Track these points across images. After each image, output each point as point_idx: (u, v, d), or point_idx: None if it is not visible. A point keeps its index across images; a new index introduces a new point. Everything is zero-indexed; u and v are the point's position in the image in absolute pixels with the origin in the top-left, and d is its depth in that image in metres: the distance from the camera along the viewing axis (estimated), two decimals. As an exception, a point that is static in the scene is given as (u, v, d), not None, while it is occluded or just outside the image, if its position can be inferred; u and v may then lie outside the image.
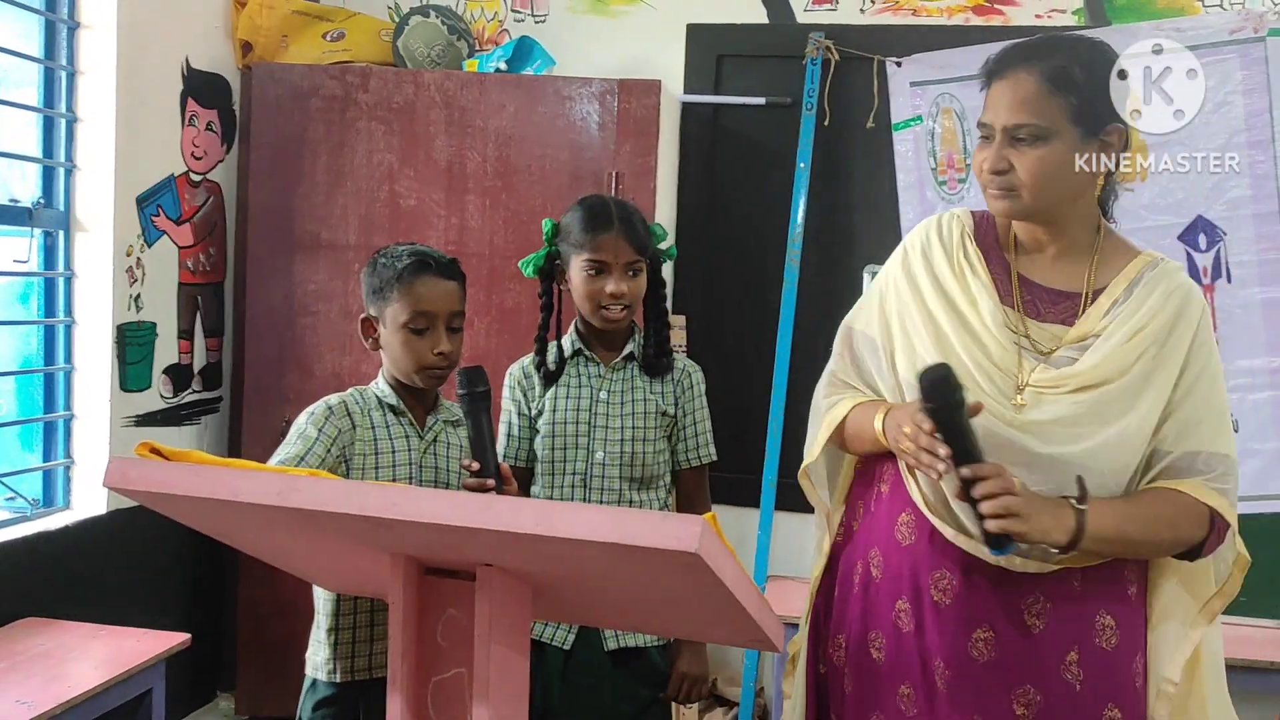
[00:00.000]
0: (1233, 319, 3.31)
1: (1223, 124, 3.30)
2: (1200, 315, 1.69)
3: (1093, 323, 1.69)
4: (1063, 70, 1.63)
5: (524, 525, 1.25)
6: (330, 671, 1.94)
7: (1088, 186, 1.67)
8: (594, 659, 2.03)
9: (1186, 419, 1.66)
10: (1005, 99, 1.65)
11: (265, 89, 3.48)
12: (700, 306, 3.75)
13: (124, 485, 1.44)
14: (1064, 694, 1.66)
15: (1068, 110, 1.62)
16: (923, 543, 1.72)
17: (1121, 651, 1.71)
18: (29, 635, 2.77)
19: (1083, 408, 1.64)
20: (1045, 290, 1.73)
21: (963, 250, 1.76)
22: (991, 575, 1.67)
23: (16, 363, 3.10)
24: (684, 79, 3.80)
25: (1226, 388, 1.76)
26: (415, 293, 1.94)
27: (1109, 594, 1.71)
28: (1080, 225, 1.72)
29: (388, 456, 1.96)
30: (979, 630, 1.68)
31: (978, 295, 1.72)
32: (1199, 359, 1.67)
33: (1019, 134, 1.64)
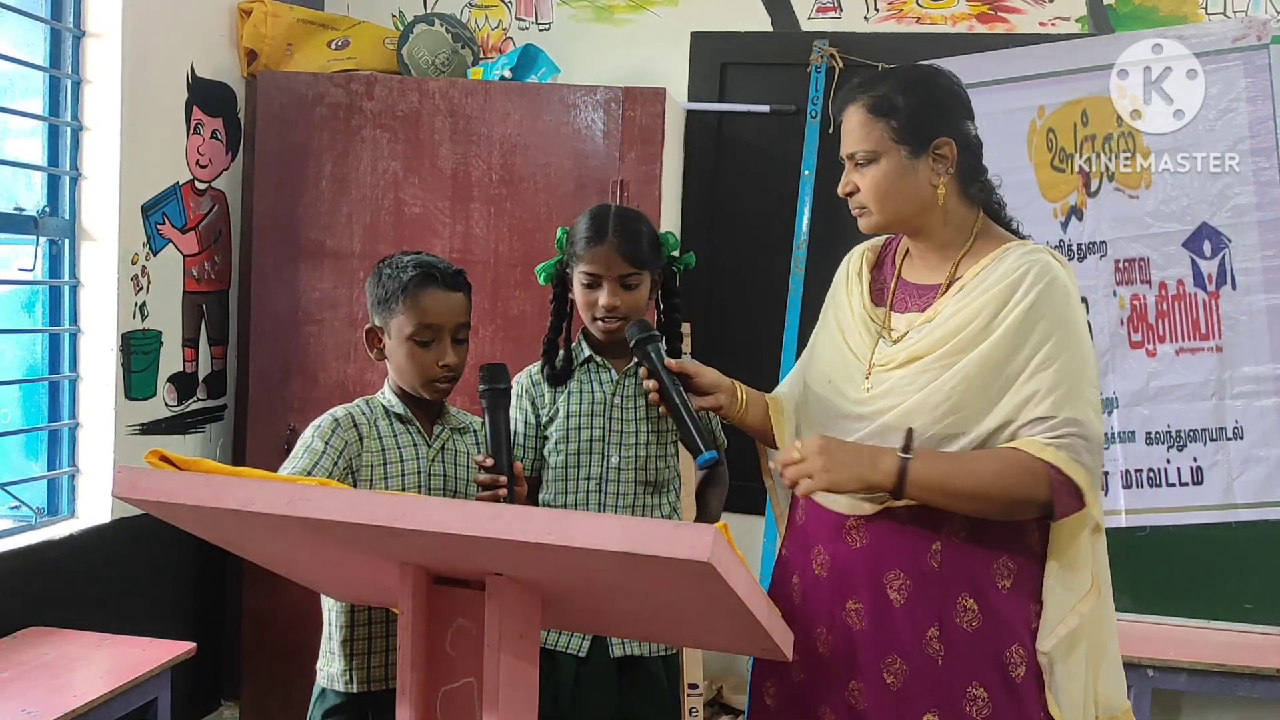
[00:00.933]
0: (1237, 326, 3.31)
1: (1227, 131, 3.30)
2: (1044, 288, 1.75)
3: (939, 306, 1.83)
4: (883, 98, 1.82)
5: (534, 534, 1.24)
6: (346, 682, 1.93)
7: (931, 194, 1.82)
8: (606, 667, 2.04)
9: (1032, 390, 1.73)
10: (845, 129, 1.87)
11: (270, 97, 3.48)
12: (705, 314, 3.75)
13: (133, 495, 1.44)
14: (926, 664, 1.77)
15: (890, 132, 1.81)
16: (810, 522, 1.90)
17: (1010, 608, 1.78)
18: (33, 644, 2.77)
19: (905, 379, 1.79)
20: (914, 286, 1.90)
21: (857, 269, 2.00)
22: (858, 551, 1.81)
23: (22, 371, 3.09)
24: (688, 87, 3.81)
25: (1093, 360, 1.80)
26: (421, 305, 1.93)
27: (983, 563, 1.78)
28: (949, 227, 1.86)
29: (396, 466, 1.96)
30: (850, 601, 1.81)
31: (851, 301, 1.96)
32: (1042, 330, 1.74)
33: (856, 159, 1.84)
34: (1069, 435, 1.71)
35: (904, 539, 1.78)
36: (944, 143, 1.81)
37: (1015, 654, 1.77)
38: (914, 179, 1.81)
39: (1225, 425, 3.31)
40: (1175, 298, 3.36)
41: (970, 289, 1.80)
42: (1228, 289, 3.32)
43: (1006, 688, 1.76)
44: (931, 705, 1.76)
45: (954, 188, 1.83)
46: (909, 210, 1.83)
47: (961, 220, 1.87)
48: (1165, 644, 3.17)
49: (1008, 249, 1.83)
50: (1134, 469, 3.36)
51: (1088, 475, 1.72)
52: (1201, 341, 3.34)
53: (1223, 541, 3.30)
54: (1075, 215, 3.42)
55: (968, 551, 1.77)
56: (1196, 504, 3.32)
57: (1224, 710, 3.52)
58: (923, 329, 1.82)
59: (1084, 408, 1.74)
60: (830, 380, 1.92)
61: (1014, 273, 1.77)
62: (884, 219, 1.85)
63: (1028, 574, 1.80)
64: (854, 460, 1.74)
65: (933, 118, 1.81)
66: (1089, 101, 3.41)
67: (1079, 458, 1.71)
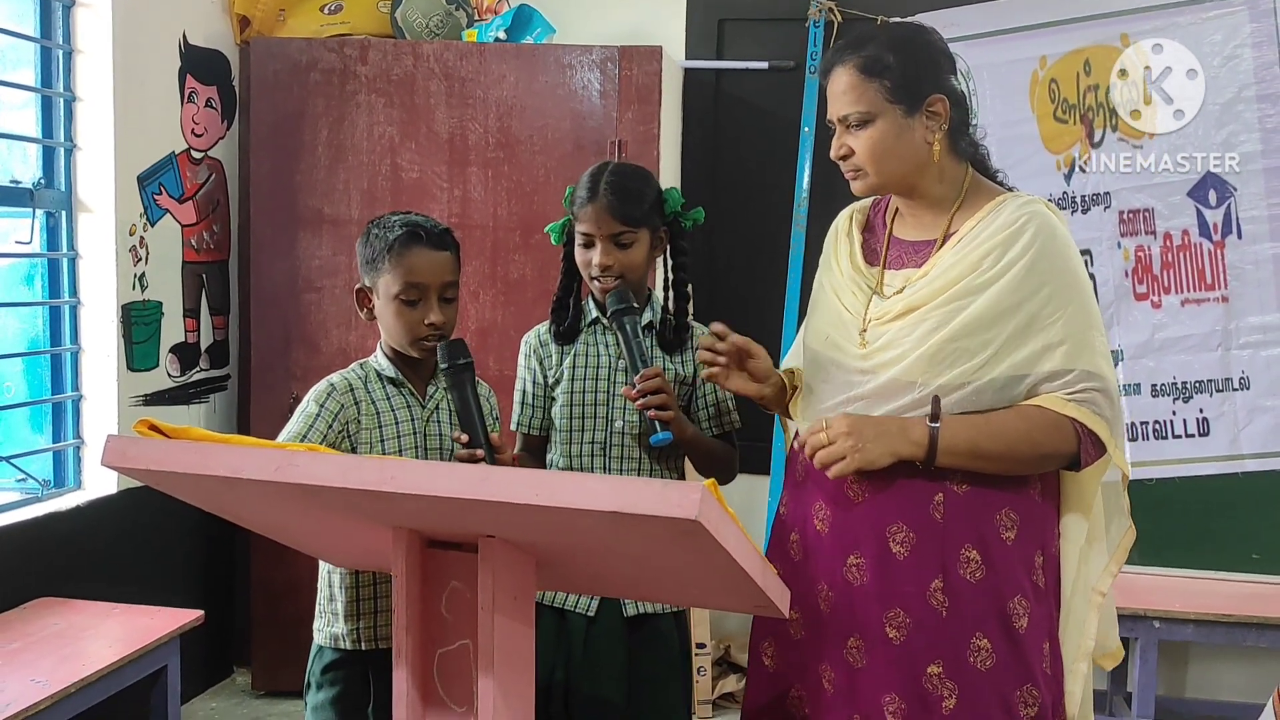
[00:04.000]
0: (1243, 275, 3.28)
1: (1232, 78, 3.26)
2: (1046, 240, 1.76)
3: (936, 259, 1.82)
4: (874, 58, 1.79)
5: (522, 495, 1.24)
6: (354, 640, 1.95)
7: (927, 152, 1.82)
8: (616, 626, 2.04)
9: (1043, 344, 1.74)
10: (834, 92, 1.83)
11: (264, 64, 3.46)
12: (706, 273, 3.73)
13: (122, 464, 1.44)
14: (930, 616, 1.77)
15: (884, 92, 1.78)
16: (810, 479, 1.88)
17: (1013, 554, 1.79)
18: (43, 615, 2.79)
19: (904, 330, 1.78)
20: (908, 243, 1.89)
21: (846, 231, 1.98)
22: (860, 505, 1.80)
23: (23, 344, 3.10)
24: (685, 44, 3.77)
25: (1096, 309, 1.81)
26: (406, 264, 1.93)
27: (986, 514, 1.78)
28: (940, 183, 1.85)
29: (391, 429, 1.96)
30: (852, 556, 1.80)
31: (841, 262, 1.94)
32: (1045, 282, 1.74)
33: (849, 121, 1.82)
34: (1087, 389, 1.74)
35: (906, 492, 1.77)
36: (937, 99, 1.80)
37: (1018, 605, 1.77)
38: (910, 138, 1.80)
39: (1231, 376, 3.29)
40: (1180, 248, 3.33)
41: (968, 240, 1.79)
42: (1233, 238, 3.29)
43: (1009, 638, 1.76)
44: (935, 657, 1.76)
45: (945, 143, 1.82)
46: (906, 169, 1.82)
47: (953, 176, 1.86)
48: (1172, 595, 3.17)
49: (1003, 201, 1.83)
50: (1140, 421, 3.34)
51: (1107, 426, 1.76)
52: (1207, 292, 3.31)
53: (1229, 492, 3.29)
54: (1078, 166, 3.39)
55: (970, 502, 1.77)
56: (1203, 455, 3.30)
57: (1231, 660, 3.52)
58: (919, 282, 1.81)
59: (1095, 358, 1.76)
60: (828, 336, 1.90)
61: (1013, 224, 1.77)
62: (881, 180, 1.83)
63: (1031, 524, 1.80)
64: (883, 434, 1.73)
65: (924, 75, 1.80)
66: (1091, 51, 3.37)
67: (1099, 410, 1.75)
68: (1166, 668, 3.49)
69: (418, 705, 1.51)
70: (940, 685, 1.76)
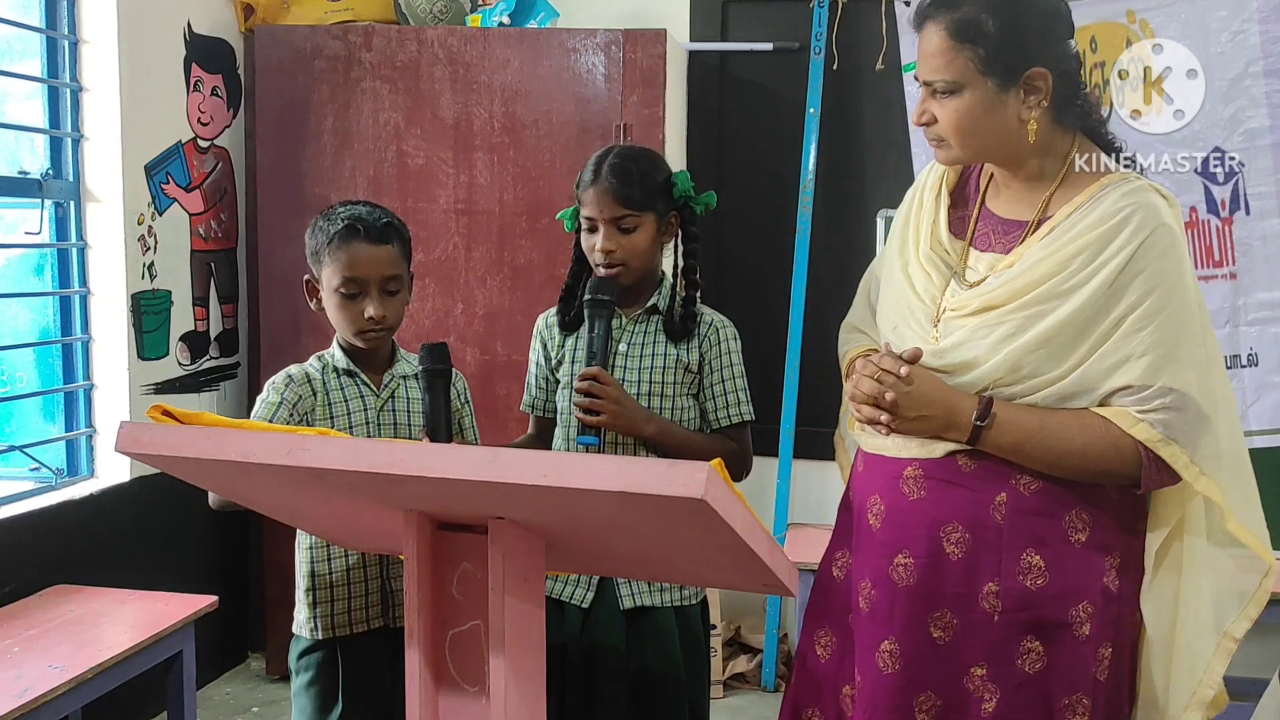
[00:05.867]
0: (1251, 252, 3.27)
1: (1239, 53, 3.24)
2: (1148, 238, 1.57)
3: (1024, 249, 1.65)
4: (970, 21, 1.60)
5: (530, 476, 1.25)
6: (312, 629, 2.01)
7: (1020, 130, 1.63)
8: (613, 618, 2.03)
9: (1124, 355, 1.58)
10: (923, 52, 1.65)
11: (269, 52, 3.46)
12: (713, 256, 3.73)
13: (136, 449, 1.45)
14: (980, 617, 1.67)
15: (976, 61, 1.60)
16: (868, 470, 1.78)
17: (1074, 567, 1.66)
18: (58, 602, 2.81)
19: (980, 331, 1.63)
20: (1000, 221, 1.71)
21: (934, 193, 1.79)
22: (915, 502, 1.69)
23: (34, 334, 3.12)
24: (690, 27, 3.76)
25: (1198, 315, 1.63)
26: (345, 258, 1.95)
27: (1053, 517, 1.66)
28: (1042, 156, 1.68)
29: (344, 419, 2.00)
30: (900, 555, 1.70)
31: (922, 231, 1.76)
32: (1140, 285, 1.57)
33: (934, 87, 1.64)
34: (1163, 409, 1.57)
35: (965, 491, 1.65)
36: (1038, 74, 1.60)
37: (1082, 611, 1.64)
38: (1001, 114, 1.61)
39: (1239, 352, 3.28)
40: (1188, 225, 3.31)
41: (1061, 233, 1.62)
42: (1241, 214, 3.28)
43: (1067, 643, 1.64)
44: (980, 659, 1.66)
45: (1046, 118, 1.63)
46: (993, 145, 1.65)
47: (1057, 149, 1.67)
48: (1181, 572, 3.16)
49: (1107, 186, 1.63)
50: (1148, 399, 3.34)
51: (1182, 452, 1.58)
52: (1215, 269, 3.30)
53: (1238, 469, 3.28)
54: (1085, 144, 3.37)
55: (1037, 505, 1.64)
56: (1211, 432, 3.30)
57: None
58: (1003, 275, 1.64)
59: (1183, 373, 1.58)
60: (896, 327, 1.75)
61: (1113, 218, 1.59)
62: (966, 153, 1.67)
63: (1105, 525, 1.65)
64: (927, 417, 1.63)
65: (1025, 44, 1.60)
66: (1098, 28, 3.35)
67: (1172, 434, 1.57)
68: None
69: (430, 685, 1.53)
70: (982, 687, 1.66)
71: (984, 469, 1.65)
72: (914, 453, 1.69)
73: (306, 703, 2.01)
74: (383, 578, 2.01)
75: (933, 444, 1.67)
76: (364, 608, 2.00)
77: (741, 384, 2.09)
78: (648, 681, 2.02)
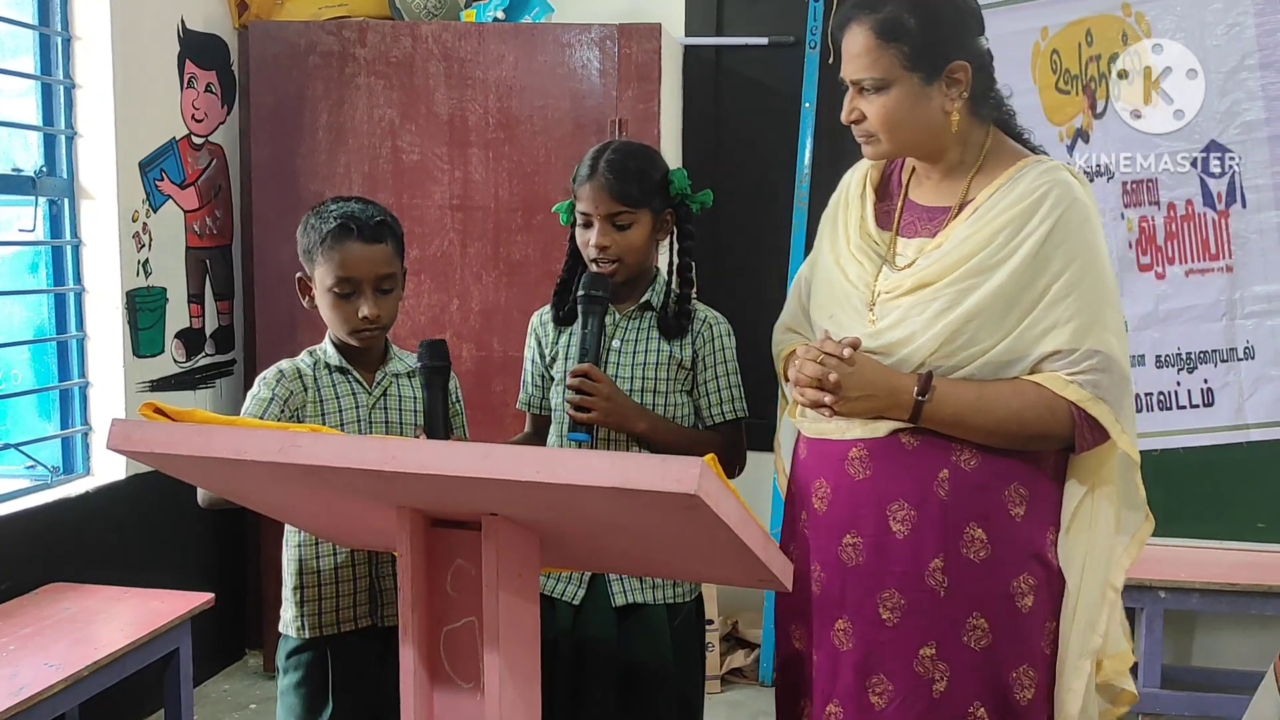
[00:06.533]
0: (1248, 245, 3.27)
1: (1235, 46, 3.24)
2: (1065, 211, 1.68)
3: (949, 230, 1.75)
4: (894, 20, 1.69)
5: (523, 473, 1.25)
6: (299, 628, 1.99)
7: (944, 121, 1.73)
8: (605, 615, 2.02)
9: (1051, 322, 1.67)
10: (848, 52, 1.74)
11: (263, 48, 3.46)
12: (708, 251, 3.72)
13: (127, 447, 1.45)
14: (927, 595, 1.73)
15: (902, 58, 1.69)
16: (811, 455, 1.85)
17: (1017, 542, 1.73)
18: (55, 600, 2.81)
19: (916, 308, 1.71)
20: (924, 209, 1.81)
21: (859, 190, 1.89)
22: (861, 482, 1.75)
23: (29, 332, 3.11)
24: (685, 21, 3.76)
25: (1113, 283, 1.75)
26: (339, 257, 1.93)
27: (994, 491, 1.73)
28: (960, 146, 1.77)
29: (335, 416, 1.98)
30: (848, 536, 1.76)
31: (851, 225, 1.86)
32: (1061, 256, 1.68)
33: (862, 85, 1.73)
34: (1091, 370, 1.66)
35: (910, 469, 1.72)
36: (959, 66, 1.70)
37: (1024, 583, 1.72)
38: (926, 106, 1.71)
39: (1236, 346, 3.28)
40: (1184, 218, 3.32)
41: (984, 211, 1.72)
42: (1237, 207, 3.28)
43: (1011, 618, 1.71)
44: (929, 638, 1.72)
45: (965, 110, 1.73)
46: (921, 138, 1.74)
47: (974, 140, 1.78)
48: (1177, 565, 3.17)
49: (1024, 167, 1.74)
50: (1144, 392, 3.34)
51: (1109, 410, 1.68)
52: (1211, 262, 3.30)
53: (1234, 462, 3.28)
54: (1081, 138, 3.37)
55: (978, 479, 1.71)
56: (1207, 425, 3.30)
57: (1237, 629, 3.53)
58: (932, 254, 1.73)
59: (1106, 336, 1.68)
60: (833, 315, 1.82)
61: (1032, 194, 1.69)
62: (895, 147, 1.76)
63: (1042, 500, 1.74)
64: (869, 395, 1.70)
65: (945, 40, 1.70)
66: (1093, 21, 3.35)
67: (1101, 393, 1.67)
68: (1172, 637, 3.50)
69: (425, 682, 1.53)
70: (932, 668, 1.72)
71: (926, 445, 1.72)
72: (858, 433, 1.75)
73: (295, 702, 1.99)
74: (371, 576, 2.00)
75: (876, 424, 1.73)
76: (352, 606, 1.98)
77: (735, 380, 2.09)
78: (637, 677, 2.01)
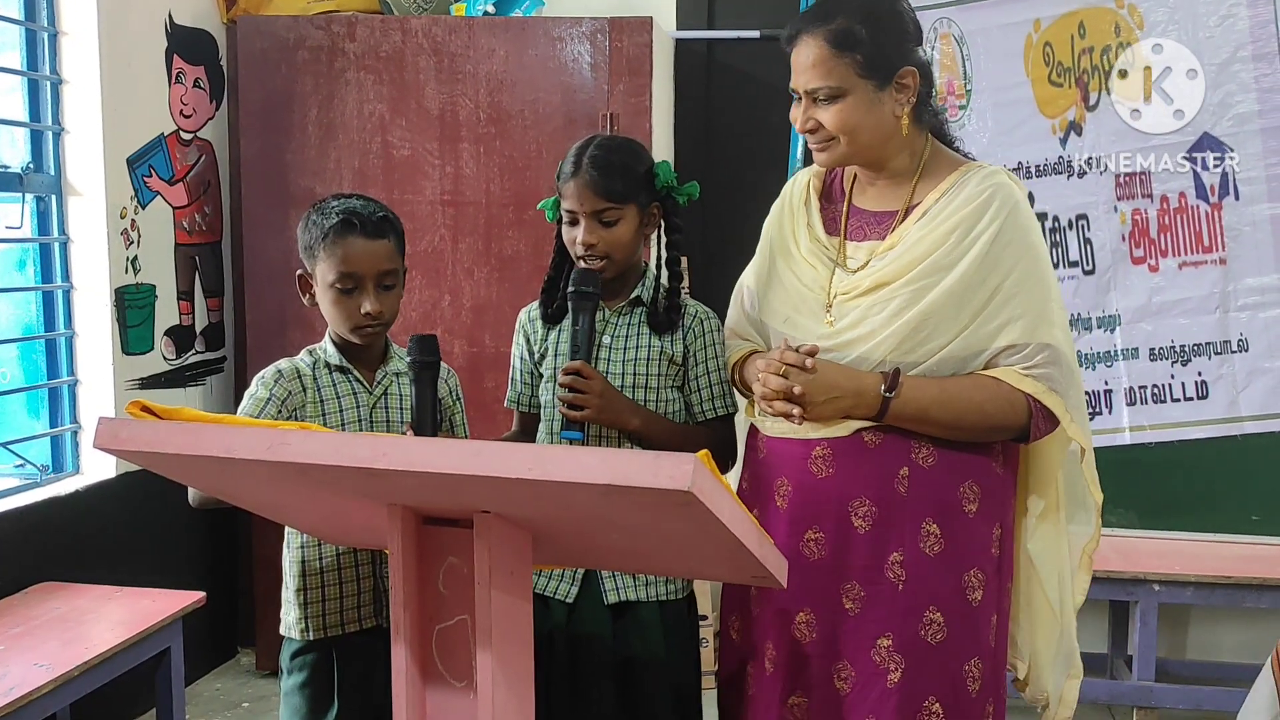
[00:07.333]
0: (1241, 237, 3.27)
1: (1227, 37, 3.23)
2: (1010, 213, 1.77)
3: (901, 233, 1.82)
4: (845, 31, 1.76)
5: (515, 470, 1.23)
6: (302, 630, 1.97)
7: (895, 125, 1.81)
8: (598, 612, 2.01)
9: (1005, 318, 1.76)
10: (800, 63, 1.79)
11: (251, 43, 3.43)
12: (700, 245, 3.71)
13: (115, 446, 1.43)
14: (886, 588, 1.79)
15: (855, 67, 1.76)
16: (771, 454, 1.90)
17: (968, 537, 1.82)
18: (45, 599, 2.80)
19: (874, 307, 1.78)
20: (870, 214, 1.88)
21: (803, 198, 1.96)
22: (823, 480, 1.81)
23: (18, 330, 3.09)
24: (676, 14, 3.74)
25: (1055, 280, 1.84)
26: (341, 253, 1.90)
27: (950, 487, 1.80)
28: (901, 154, 1.85)
29: (335, 417, 1.96)
30: (810, 531, 1.82)
31: (799, 232, 1.93)
32: (1010, 256, 1.76)
33: (817, 95, 1.78)
34: (1044, 364, 1.76)
35: (872, 467, 1.79)
36: (908, 72, 1.79)
37: (974, 578, 1.80)
38: (879, 112, 1.79)
39: (1230, 338, 3.28)
40: (1177, 211, 3.31)
41: (934, 214, 1.80)
42: (1230, 200, 3.27)
43: (963, 611, 1.79)
44: (886, 629, 1.78)
45: (910, 116, 1.82)
46: (875, 142, 1.81)
47: (915, 146, 1.86)
48: (1172, 558, 3.17)
49: (967, 172, 1.83)
50: (1138, 385, 3.34)
51: (1061, 401, 1.78)
52: (1204, 254, 3.30)
53: (1228, 455, 3.29)
54: (1074, 130, 3.37)
55: (935, 476, 1.79)
56: (1202, 418, 3.30)
57: (1231, 622, 3.53)
58: (885, 256, 1.81)
59: (1054, 331, 1.78)
60: (788, 318, 1.89)
61: (979, 196, 1.78)
62: (852, 150, 1.82)
63: (992, 496, 1.82)
64: (835, 398, 1.75)
65: (894, 49, 1.79)
66: (1086, 13, 3.34)
67: (1054, 385, 1.77)
68: (1167, 630, 3.50)
69: (417, 681, 1.51)
70: (888, 658, 1.78)
71: (888, 443, 1.78)
72: (822, 433, 1.80)
73: (300, 703, 1.98)
74: (375, 576, 1.98)
75: (840, 423, 1.79)
76: (356, 607, 1.97)
77: (726, 375, 2.07)
78: (633, 674, 2.00)
